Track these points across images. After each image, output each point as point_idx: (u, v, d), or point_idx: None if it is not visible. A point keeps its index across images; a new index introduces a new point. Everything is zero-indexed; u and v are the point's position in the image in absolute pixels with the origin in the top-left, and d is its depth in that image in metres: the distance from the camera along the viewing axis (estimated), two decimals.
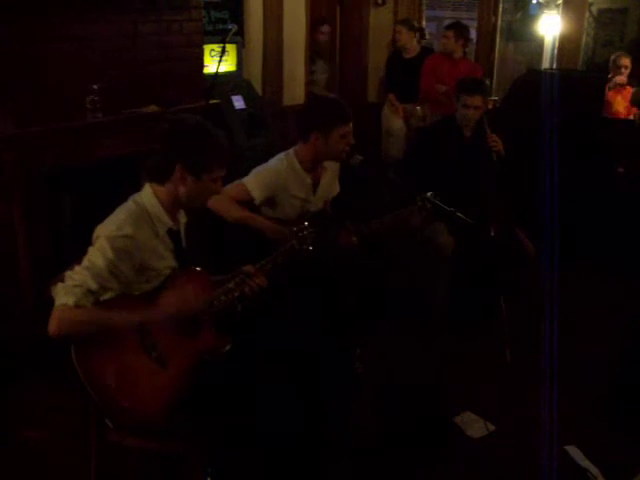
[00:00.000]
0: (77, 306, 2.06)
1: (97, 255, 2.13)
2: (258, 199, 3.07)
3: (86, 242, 2.21)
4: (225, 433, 2.24)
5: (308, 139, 3.11)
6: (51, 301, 2.10)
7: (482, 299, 3.94)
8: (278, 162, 3.17)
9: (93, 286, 2.09)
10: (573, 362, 3.56)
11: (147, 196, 2.31)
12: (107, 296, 2.18)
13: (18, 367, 3.32)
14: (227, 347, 2.35)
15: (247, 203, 3.07)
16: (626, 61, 5.93)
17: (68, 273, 2.13)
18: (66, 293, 2.06)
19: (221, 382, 2.29)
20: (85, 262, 2.14)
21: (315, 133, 3.07)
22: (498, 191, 3.95)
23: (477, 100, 3.95)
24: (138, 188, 2.35)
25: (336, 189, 3.46)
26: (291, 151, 3.20)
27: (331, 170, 3.34)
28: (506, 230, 3.98)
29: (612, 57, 6.05)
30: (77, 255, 2.22)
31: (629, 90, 5.91)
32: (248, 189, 3.05)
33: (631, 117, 5.80)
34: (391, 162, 5.93)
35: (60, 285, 2.10)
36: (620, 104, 5.87)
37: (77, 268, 2.13)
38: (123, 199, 2.32)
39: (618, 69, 5.91)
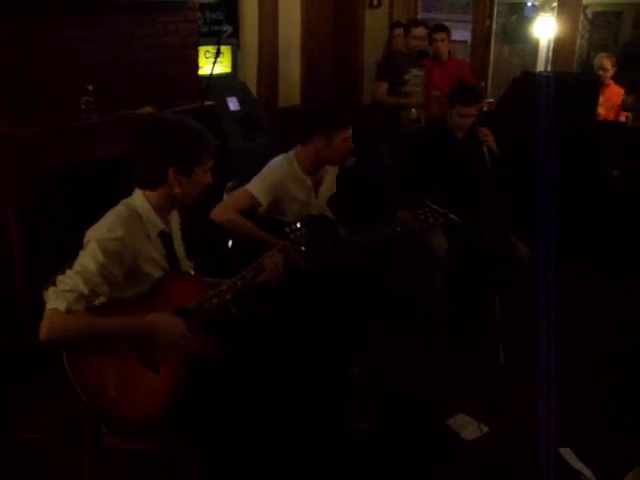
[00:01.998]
0: (69, 311, 2.05)
1: (88, 259, 2.12)
2: (265, 204, 3.07)
3: (82, 243, 2.21)
4: (220, 434, 2.24)
5: (310, 142, 3.12)
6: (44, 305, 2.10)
7: (477, 300, 3.95)
8: (278, 165, 3.17)
9: (85, 291, 2.08)
10: (568, 363, 3.57)
11: (138, 199, 2.30)
12: (98, 301, 2.17)
13: (17, 367, 3.32)
14: (219, 350, 2.34)
15: (250, 209, 3.08)
16: (606, 63, 5.99)
17: (60, 277, 2.12)
18: (57, 298, 2.05)
19: (216, 383, 2.29)
20: (76, 266, 2.13)
21: (317, 136, 3.08)
22: (493, 191, 3.96)
23: (473, 109, 3.96)
24: (132, 189, 2.34)
25: (333, 189, 3.47)
26: (291, 153, 3.20)
27: (332, 172, 3.36)
28: (501, 231, 3.99)
29: (595, 59, 6.11)
30: (73, 256, 2.21)
31: (613, 89, 5.93)
32: (253, 194, 3.05)
33: (622, 119, 5.82)
34: (387, 164, 5.92)
35: (51, 289, 2.09)
36: (602, 105, 5.86)
37: (68, 272, 2.12)
38: (119, 199, 2.32)
39: (600, 70, 5.97)
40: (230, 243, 3.15)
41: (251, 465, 2.30)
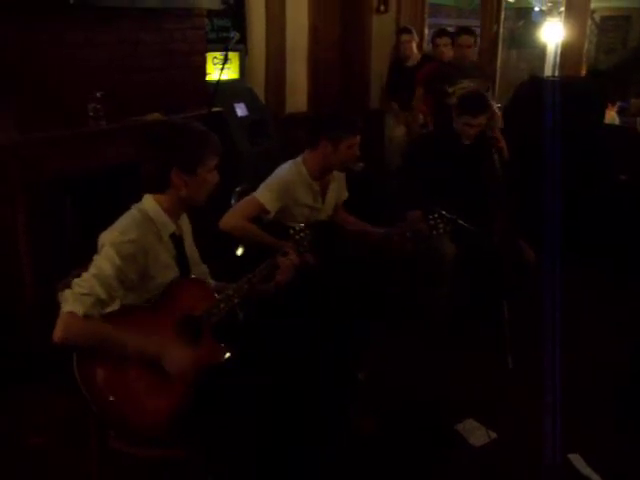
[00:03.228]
0: (86, 316, 2.05)
1: (105, 262, 2.13)
2: (273, 211, 3.09)
3: (89, 248, 2.22)
4: (225, 438, 2.24)
5: (317, 146, 3.14)
6: (57, 306, 2.10)
7: (484, 304, 3.94)
8: (286, 171, 3.18)
9: (102, 295, 2.09)
10: (575, 367, 3.56)
11: (149, 202, 2.32)
12: (113, 306, 2.17)
13: (17, 368, 3.34)
14: (226, 356, 2.34)
15: (258, 216, 3.10)
16: None
17: (76, 280, 2.12)
18: (74, 301, 2.06)
19: (221, 386, 2.29)
20: (92, 269, 2.13)
21: (324, 141, 3.10)
22: (503, 198, 3.95)
23: (481, 119, 3.93)
24: (141, 195, 2.36)
25: (345, 194, 3.48)
26: (299, 159, 3.23)
27: (338, 177, 3.37)
28: (508, 237, 3.98)
29: None
30: (79, 260, 2.23)
31: None
32: (261, 202, 3.06)
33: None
34: (394, 169, 5.93)
35: (68, 292, 2.09)
36: None
37: (85, 275, 2.12)
38: (126, 206, 2.33)
39: None
40: (240, 251, 3.15)
41: (254, 466, 2.30)
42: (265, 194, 3.08)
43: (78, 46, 3.72)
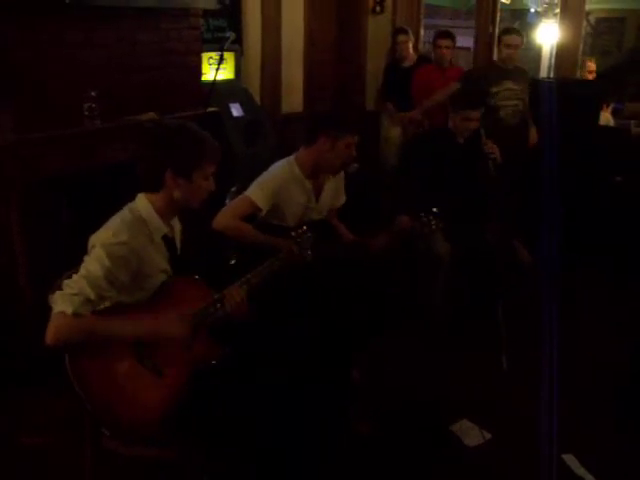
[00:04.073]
0: (75, 315, 2.05)
1: (94, 264, 2.12)
2: (265, 209, 3.06)
3: (84, 248, 2.21)
4: (223, 438, 2.23)
5: (314, 142, 3.11)
6: (49, 309, 2.10)
7: (479, 304, 3.95)
8: (278, 169, 3.16)
9: (91, 295, 2.09)
10: (573, 367, 3.56)
11: (142, 203, 2.30)
12: (104, 305, 2.17)
13: (17, 369, 3.32)
14: (220, 356, 2.33)
15: (251, 215, 3.08)
16: (591, 65, 6.35)
17: (66, 281, 2.12)
18: (64, 301, 2.06)
19: (219, 386, 2.28)
20: (82, 271, 2.13)
21: (323, 138, 3.08)
22: (496, 197, 3.96)
23: (479, 113, 3.97)
24: (136, 194, 2.35)
25: (342, 199, 3.44)
26: (292, 157, 3.20)
27: (335, 179, 3.34)
28: (503, 237, 3.98)
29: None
30: (75, 260, 2.21)
31: None
32: (253, 200, 3.03)
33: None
34: (389, 170, 5.92)
35: (58, 293, 2.09)
36: None
37: (75, 277, 2.12)
38: (121, 205, 2.31)
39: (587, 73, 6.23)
40: (234, 261, 3.13)
41: (252, 467, 2.29)
42: (257, 192, 3.06)
43: (77, 46, 3.70)
